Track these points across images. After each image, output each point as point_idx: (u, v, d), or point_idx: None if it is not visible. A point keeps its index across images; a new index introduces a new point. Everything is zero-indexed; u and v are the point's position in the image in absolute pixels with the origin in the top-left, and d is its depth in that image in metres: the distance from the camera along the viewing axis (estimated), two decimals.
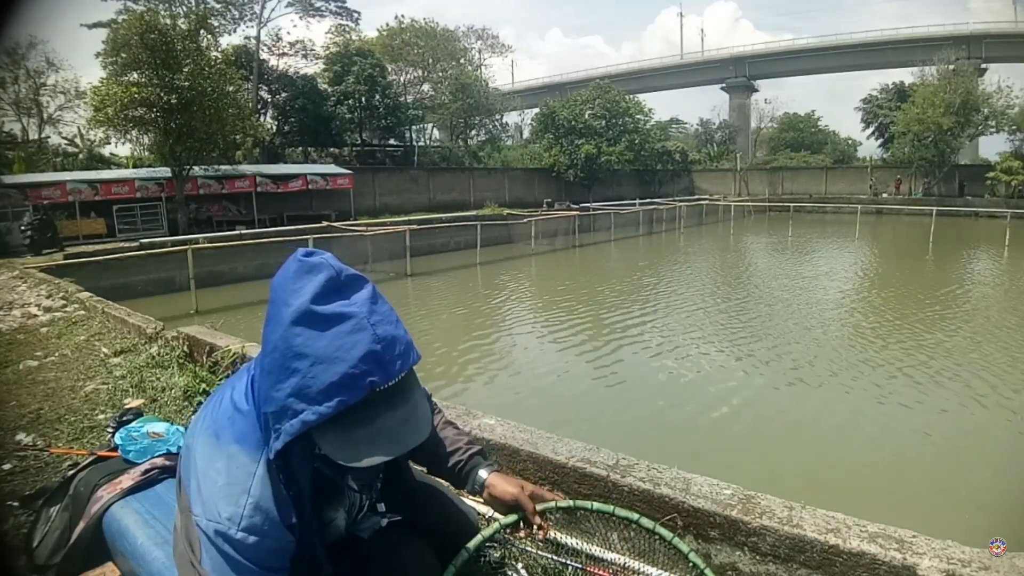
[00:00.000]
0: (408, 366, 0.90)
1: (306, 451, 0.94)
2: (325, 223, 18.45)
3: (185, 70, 15.65)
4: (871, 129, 40.20)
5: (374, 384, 0.84)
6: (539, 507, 1.14)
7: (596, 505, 1.21)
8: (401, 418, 0.89)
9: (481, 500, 1.22)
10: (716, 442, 5.51)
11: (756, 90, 53.64)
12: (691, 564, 1.19)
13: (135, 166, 21.64)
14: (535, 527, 1.13)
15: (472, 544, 1.10)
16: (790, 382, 7.06)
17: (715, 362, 7.84)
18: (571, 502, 1.21)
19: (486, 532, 1.14)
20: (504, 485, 1.16)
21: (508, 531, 1.16)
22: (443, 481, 1.33)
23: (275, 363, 0.86)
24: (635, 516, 1.20)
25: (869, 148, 42.81)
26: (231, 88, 17.76)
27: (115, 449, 1.84)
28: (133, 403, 2.77)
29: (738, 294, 12.84)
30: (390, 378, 0.86)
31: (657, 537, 1.21)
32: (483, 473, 1.19)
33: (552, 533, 1.69)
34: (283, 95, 28.35)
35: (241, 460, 0.91)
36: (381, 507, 1.20)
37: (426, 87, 34.67)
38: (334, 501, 1.08)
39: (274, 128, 28.08)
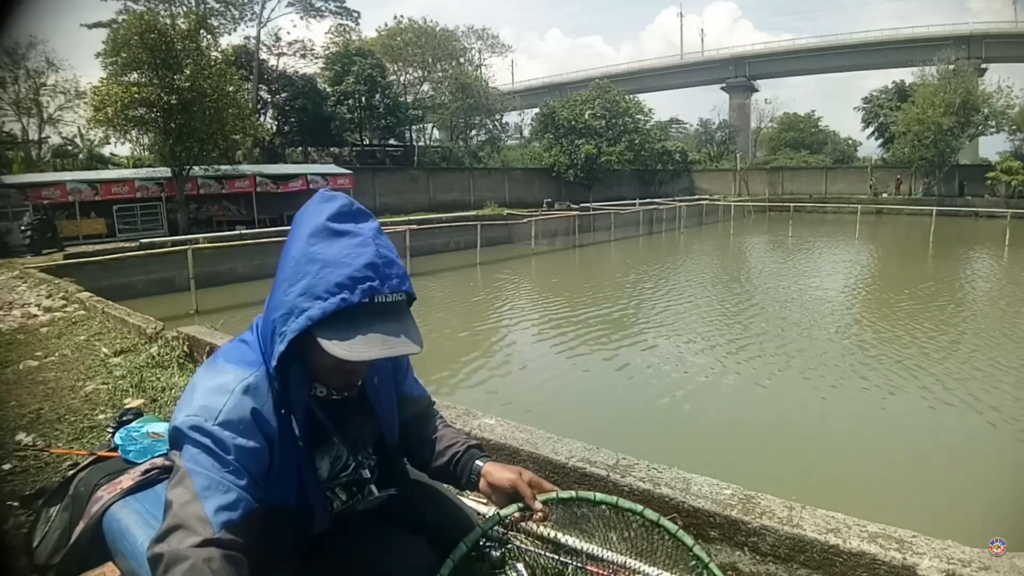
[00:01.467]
0: (403, 288, 1.00)
1: (303, 378, 1.03)
2: None
3: (185, 70, 15.65)
4: (871, 129, 40.22)
5: (373, 290, 0.94)
6: (540, 497, 1.14)
7: (599, 496, 1.19)
8: (395, 331, 0.97)
9: (483, 501, 1.22)
10: (716, 442, 5.51)
11: (756, 90, 53.62)
12: (694, 557, 1.18)
13: (135, 166, 21.64)
14: (536, 514, 1.12)
15: (470, 538, 1.09)
16: (790, 382, 7.06)
17: (715, 362, 7.83)
18: (572, 493, 1.19)
19: (485, 525, 1.13)
20: (501, 472, 1.17)
21: (507, 522, 1.14)
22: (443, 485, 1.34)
23: (288, 272, 0.97)
24: (639, 508, 1.19)
25: (869, 148, 42.89)
26: (231, 88, 17.75)
27: (115, 449, 1.84)
28: (133, 403, 2.77)
29: (739, 294, 12.83)
30: (387, 290, 0.96)
31: (661, 530, 1.20)
32: (479, 463, 1.21)
33: (552, 533, 1.69)
34: (283, 95, 28.36)
35: (231, 373, 0.99)
36: (373, 488, 1.20)
37: (426, 87, 34.70)
38: (321, 447, 1.11)
39: (274, 128, 28.07)
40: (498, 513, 1.12)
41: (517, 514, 1.12)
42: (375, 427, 1.21)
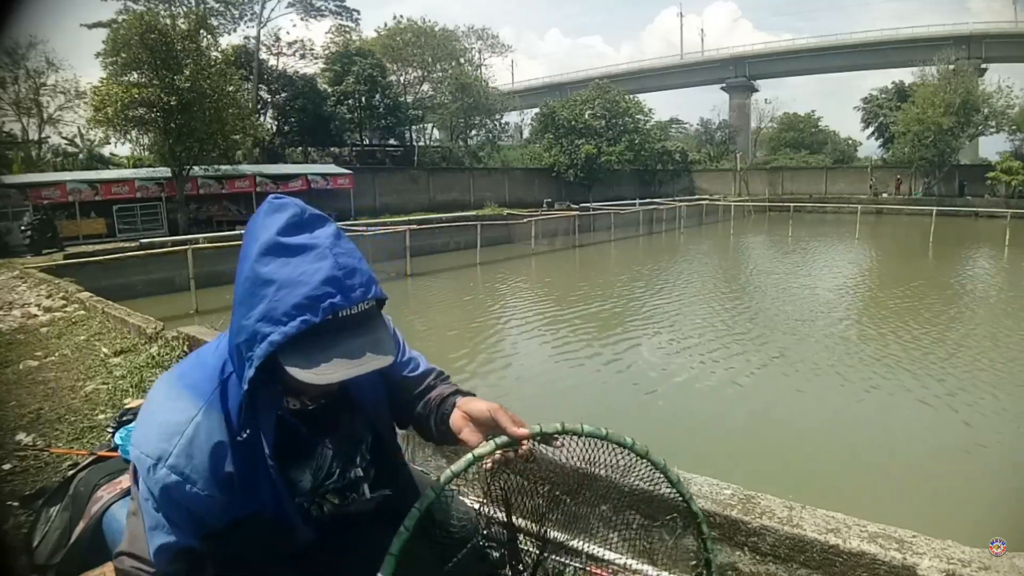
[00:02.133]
0: (369, 297, 0.94)
1: (273, 399, 1.00)
2: None
3: (185, 71, 15.65)
4: (871, 129, 40.23)
5: (335, 307, 0.89)
6: (523, 431, 1.05)
7: (587, 428, 1.07)
8: (362, 344, 0.93)
9: (483, 501, 1.21)
10: (715, 442, 5.51)
11: (756, 90, 53.62)
12: (697, 523, 1.16)
13: (135, 166, 21.64)
14: (520, 447, 1.03)
15: (443, 479, 1.01)
16: (790, 382, 7.06)
17: (714, 361, 7.83)
18: (558, 425, 1.05)
19: (456, 466, 1.01)
20: (478, 403, 1.11)
21: (488, 468, 1.03)
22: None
23: (245, 293, 0.92)
24: (629, 441, 1.11)
25: (869, 148, 42.89)
26: (231, 88, 17.76)
27: (115, 449, 1.84)
28: (133, 403, 2.76)
29: (739, 294, 12.84)
30: (350, 303, 0.91)
31: (648, 463, 1.16)
32: (457, 398, 1.16)
33: (552, 532, 1.69)
34: (283, 95, 28.36)
35: (185, 404, 0.97)
36: (365, 489, 1.16)
37: (426, 87, 34.68)
38: (300, 460, 1.08)
39: (274, 128, 28.07)
40: (472, 453, 1.00)
41: (498, 454, 1.01)
42: (365, 423, 1.18)
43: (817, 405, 6.41)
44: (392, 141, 32.91)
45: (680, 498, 1.17)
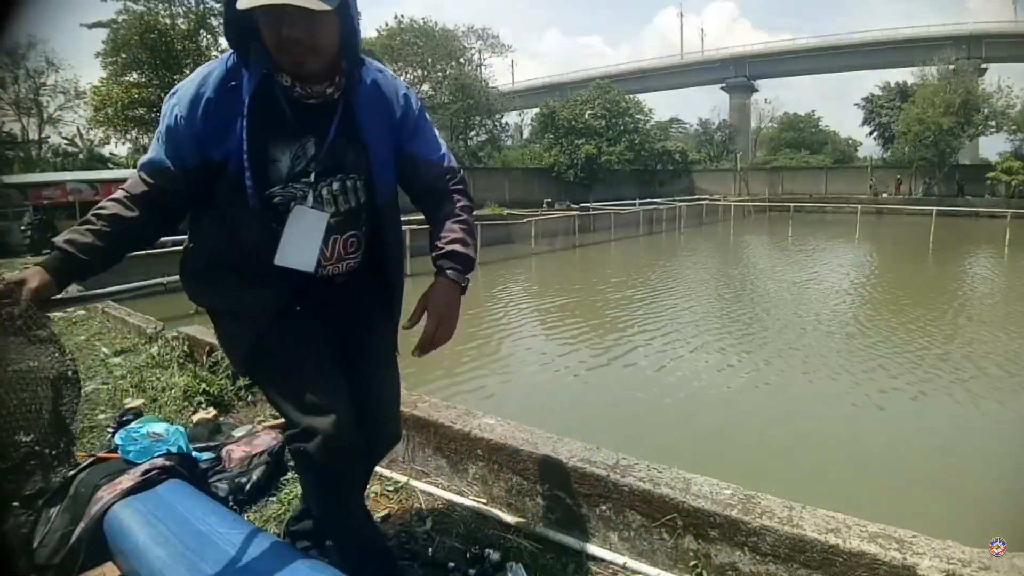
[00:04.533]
0: None
1: (259, 57, 1.15)
2: None
3: (185, 71, 15.65)
4: (871, 129, 40.24)
5: None
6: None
7: None
8: None
9: (482, 501, 1.22)
10: (715, 442, 5.51)
11: (756, 90, 53.65)
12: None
13: (135, 166, 21.59)
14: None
15: None
16: (791, 382, 7.06)
17: (714, 361, 7.83)
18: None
19: None
20: (433, 304, 1.34)
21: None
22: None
23: None
24: None
25: (869, 148, 42.89)
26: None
27: (115, 450, 1.84)
28: (133, 403, 2.77)
29: (739, 294, 12.84)
30: None
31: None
32: (437, 277, 1.35)
33: (552, 532, 1.69)
34: None
35: (207, 64, 1.22)
36: (340, 203, 1.27)
37: (426, 87, 34.66)
38: (282, 138, 1.20)
39: None
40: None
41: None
42: (362, 161, 1.27)
43: (817, 405, 6.41)
44: None
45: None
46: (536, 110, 35.34)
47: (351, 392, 1.29)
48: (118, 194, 1.24)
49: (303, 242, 1.22)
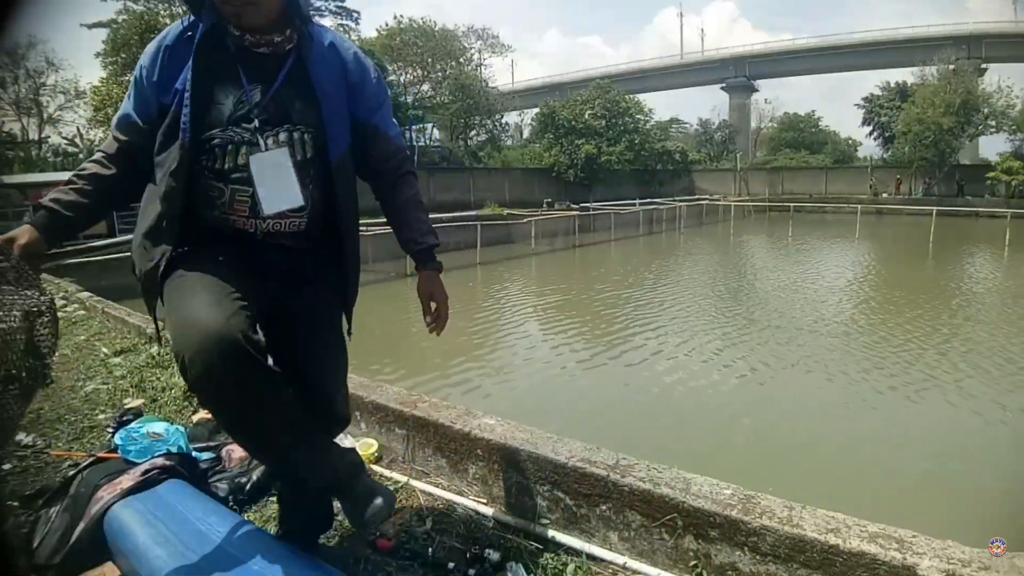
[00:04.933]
0: None
1: (214, 7, 1.18)
2: None
3: None
4: (871, 129, 40.22)
5: None
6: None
7: None
8: None
9: (483, 500, 1.21)
10: (715, 442, 5.51)
11: (756, 90, 53.61)
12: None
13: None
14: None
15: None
16: (791, 382, 7.06)
17: (714, 361, 7.83)
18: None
19: None
20: (425, 289, 1.49)
21: None
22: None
23: None
24: None
25: (869, 148, 42.87)
26: None
27: (115, 450, 1.84)
28: (133, 403, 2.77)
29: (738, 294, 12.83)
30: None
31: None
32: (419, 265, 1.48)
33: (552, 532, 1.69)
34: None
35: (175, 23, 1.29)
36: (283, 138, 1.26)
37: (426, 87, 34.66)
38: (226, 81, 1.23)
39: None
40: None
41: None
42: (310, 114, 1.27)
43: (817, 404, 6.41)
44: None
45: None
46: (536, 110, 35.33)
47: (293, 374, 1.31)
48: (97, 155, 1.30)
49: (278, 183, 1.23)
